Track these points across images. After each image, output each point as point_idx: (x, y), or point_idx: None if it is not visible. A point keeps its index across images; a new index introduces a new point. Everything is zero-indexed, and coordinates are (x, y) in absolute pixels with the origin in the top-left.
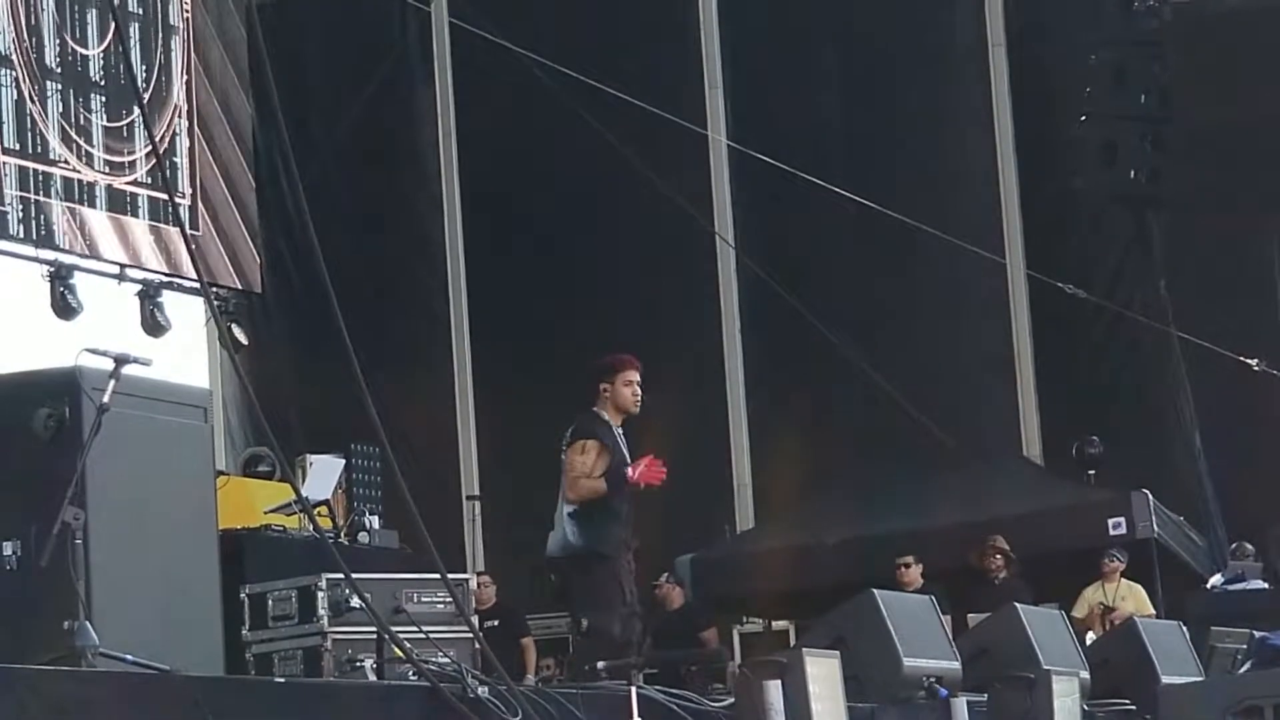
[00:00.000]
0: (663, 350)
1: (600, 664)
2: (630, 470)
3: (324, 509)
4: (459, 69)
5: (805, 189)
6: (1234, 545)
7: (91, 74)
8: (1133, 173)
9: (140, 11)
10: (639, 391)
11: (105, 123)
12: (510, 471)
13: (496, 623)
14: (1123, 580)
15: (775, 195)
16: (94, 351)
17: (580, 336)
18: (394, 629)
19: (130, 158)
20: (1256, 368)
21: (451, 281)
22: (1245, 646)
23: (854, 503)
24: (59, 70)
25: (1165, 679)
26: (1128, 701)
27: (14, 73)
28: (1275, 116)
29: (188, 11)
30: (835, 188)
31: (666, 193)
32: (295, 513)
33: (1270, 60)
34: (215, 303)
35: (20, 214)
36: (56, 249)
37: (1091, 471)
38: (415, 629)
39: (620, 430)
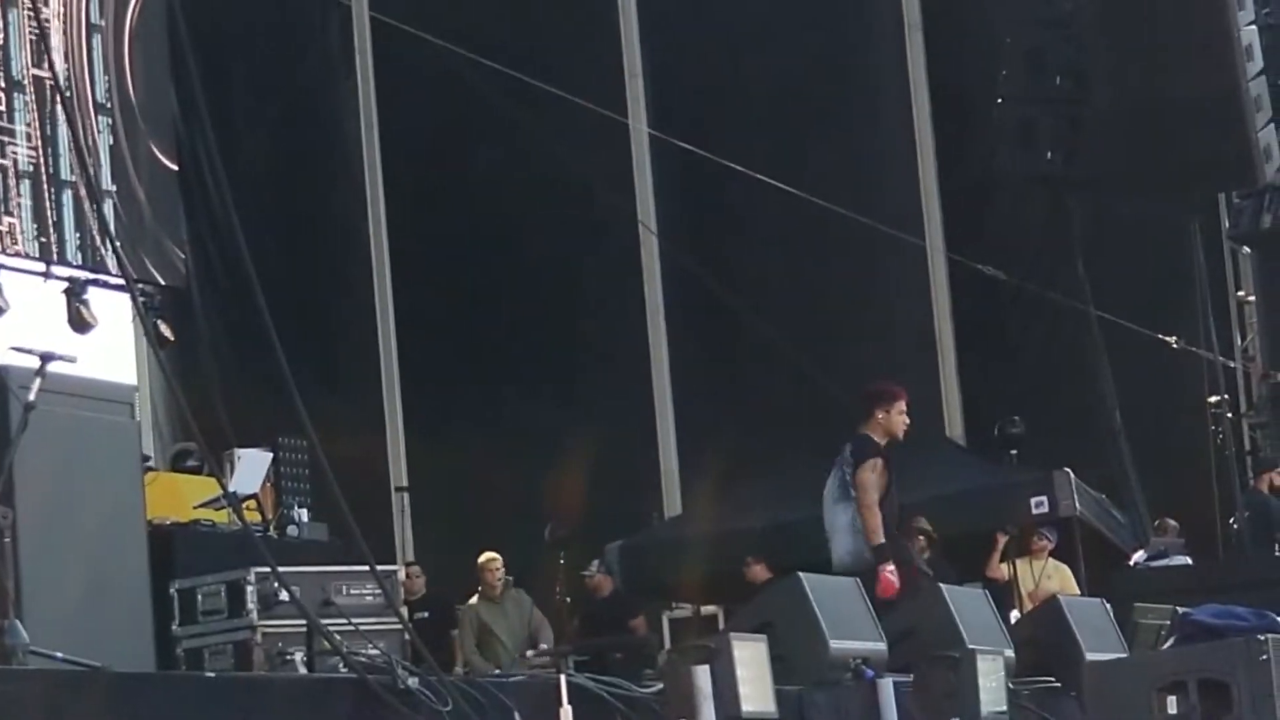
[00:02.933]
0: (588, 338)
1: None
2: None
3: (252, 503)
4: (380, 63)
5: (727, 175)
6: (1156, 522)
7: (14, 73)
8: (1050, 154)
9: (63, 10)
10: (908, 420)
11: (30, 121)
12: (439, 463)
13: (426, 614)
14: (1050, 559)
15: (697, 182)
16: (19, 349)
17: (506, 327)
18: (323, 622)
19: (55, 156)
20: (1175, 345)
21: (376, 274)
22: (1169, 623)
23: (779, 487)
24: None
25: (1090, 656)
26: (1053, 679)
27: None
28: (1190, 97)
29: (110, 10)
30: (756, 173)
31: (589, 182)
32: (224, 507)
33: (1184, 41)
34: (141, 299)
35: None
36: None
37: (1014, 451)
38: (344, 621)
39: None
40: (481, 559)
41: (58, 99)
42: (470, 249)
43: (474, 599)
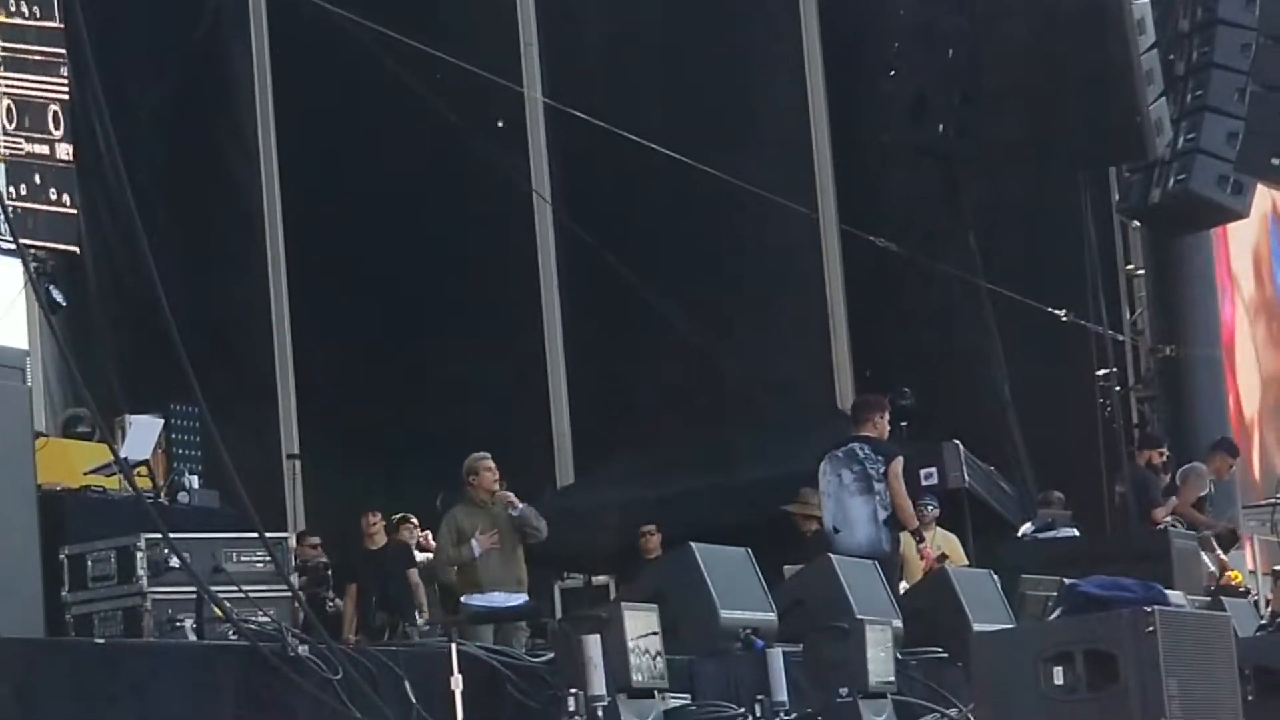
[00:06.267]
0: (481, 307)
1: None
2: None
3: (143, 469)
4: (274, 27)
5: (621, 146)
6: (1041, 494)
7: None
8: (941, 126)
9: None
10: None
11: None
12: (331, 430)
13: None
14: (938, 529)
15: (592, 152)
16: None
17: (400, 296)
18: (214, 588)
19: None
20: (1065, 319)
21: (269, 239)
22: (1055, 594)
23: (672, 457)
24: None
25: (977, 626)
26: (940, 649)
27: None
28: (1082, 70)
29: None
30: (651, 144)
31: (483, 150)
32: (115, 473)
33: (1076, 14)
34: (33, 264)
35: None
36: None
37: (904, 423)
38: (235, 588)
39: None
40: (473, 459)
41: None
42: (363, 215)
43: (456, 507)
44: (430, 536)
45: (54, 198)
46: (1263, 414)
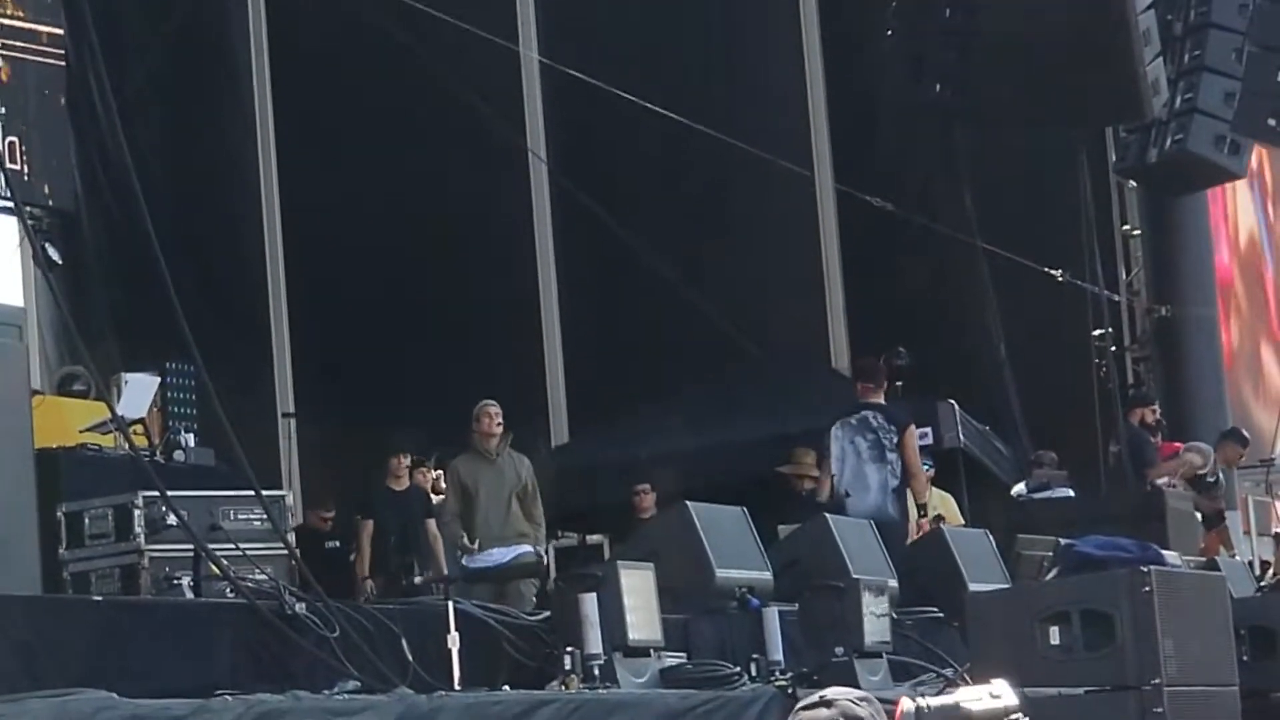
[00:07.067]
0: (477, 266)
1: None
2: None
3: (139, 427)
4: None
5: (618, 105)
6: (1034, 455)
7: None
8: (938, 86)
9: None
10: None
11: None
12: (326, 389)
13: (338, 543)
14: (934, 489)
15: (587, 111)
16: None
17: (394, 255)
18: (211, 546)
19: None
20: (1061, 279)
21: (265, 198)
22: (1051, 554)
23: (667, 416)
24: None
25: (973, 586)
26: (936, 609)
27: None
28: (1080, 30)
29: None
30: (646, 103)
31: (478, 109)
32: (111, 431)
33: None
34: (29, 222)
35: None
36: None
37: (899, 382)
38: (232, 546)
39: None
40: (479, 405)
41: None
42: (359, 174)
43: (459, 457)
44: (443, 479)
45: (51, 154)
46: (1240, 365)
